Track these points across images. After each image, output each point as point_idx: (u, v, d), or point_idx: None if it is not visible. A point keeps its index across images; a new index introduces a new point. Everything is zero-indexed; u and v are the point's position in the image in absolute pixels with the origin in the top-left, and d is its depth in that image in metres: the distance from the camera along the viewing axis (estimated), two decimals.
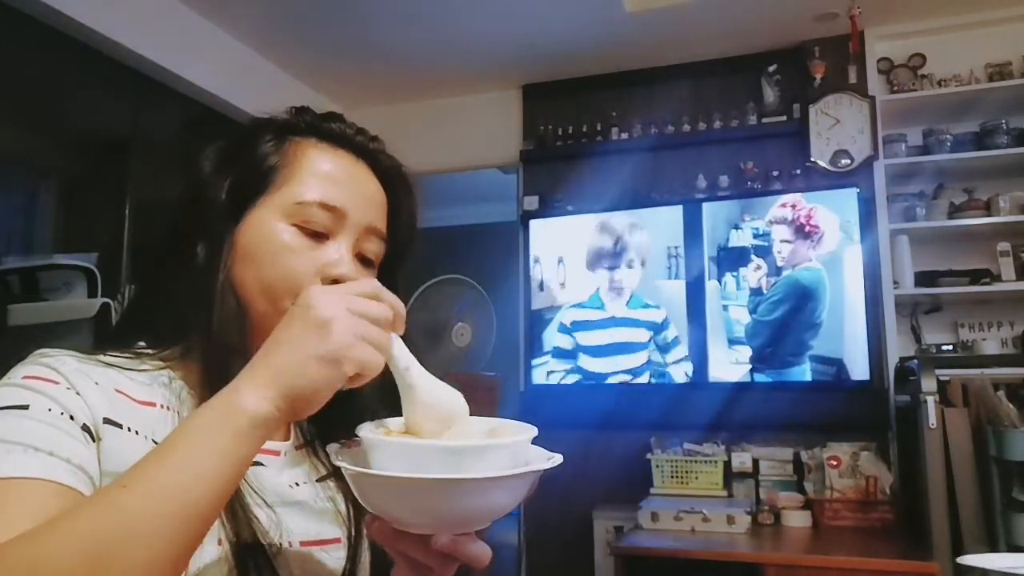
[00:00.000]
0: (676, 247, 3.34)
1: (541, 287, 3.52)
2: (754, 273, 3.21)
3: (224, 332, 0.68)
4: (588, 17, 3.13)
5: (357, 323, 0.57)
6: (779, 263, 3.18)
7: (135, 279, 2.74)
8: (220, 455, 0.52)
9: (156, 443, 0.62)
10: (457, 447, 0.56)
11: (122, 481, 0.51)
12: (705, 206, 3.32)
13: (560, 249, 3.52)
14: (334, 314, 0.56)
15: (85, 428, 0.60)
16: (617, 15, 3.08)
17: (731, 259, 3.26)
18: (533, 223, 3.58)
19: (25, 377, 0.61)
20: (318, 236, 0.70)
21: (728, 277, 3.26)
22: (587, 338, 3.42)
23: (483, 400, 3.80)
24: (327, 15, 3.13)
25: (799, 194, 3.20)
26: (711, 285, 3.27)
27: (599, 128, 3.61)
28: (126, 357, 0.69)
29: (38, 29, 2.56)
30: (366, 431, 0.60)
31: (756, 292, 3.20)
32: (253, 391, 0.54)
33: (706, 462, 3.08)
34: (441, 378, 0.64)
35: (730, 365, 3.21)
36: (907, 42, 3.29)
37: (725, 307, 3.25)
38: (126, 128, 3.02)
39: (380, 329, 0.58)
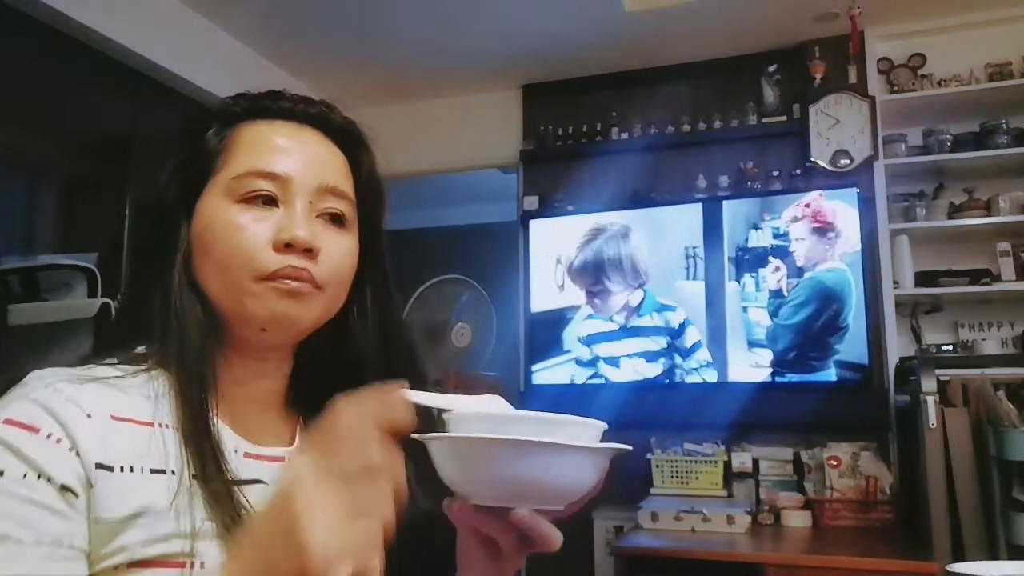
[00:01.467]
0: (694, 247, 3.27)
1: (562, 288, 3.46)
2: (773, 275, 3.14)
3: (184, 332, 0.67)
4: (588, 17, 3.13)
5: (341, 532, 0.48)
6: (799, 263, 3.11)
7: (127, 282, 2.75)
8: None
9: (153, 471, 0.62)
10: (545, 417, 0.57)
11: None
12: (725, 204, 3.25)
13: (566, 249, 3.47)
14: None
15: (65, 488, 0.57)
16: (617, 15, 3.08)
17: (751, 260, 3.19)
18: (533, 223, 3.58)
19: (6, 422, 0.58)
20: (266, 208, 0.69)
21: (747, 278, 3.19)
22: (605, 349, 3.36)
23: None
24: (327, 15, 3.13)
25: (819, 191, 3.11)
26: (731, 287, 3.20)
27: (599, 128, 3.60)
28: (125, 365, 0.67)
29: (38, 29, 2.56)
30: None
31: (776, 294, 3.13)
32: None
33: (706, 462, 3.07)
34: (441, 377, 0.63)
35: (749, 368, 3.15)
36: (907, 42, 3.29)
37: (744, 309, 3.18)
38: (126, 128, 3.03)
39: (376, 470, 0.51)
